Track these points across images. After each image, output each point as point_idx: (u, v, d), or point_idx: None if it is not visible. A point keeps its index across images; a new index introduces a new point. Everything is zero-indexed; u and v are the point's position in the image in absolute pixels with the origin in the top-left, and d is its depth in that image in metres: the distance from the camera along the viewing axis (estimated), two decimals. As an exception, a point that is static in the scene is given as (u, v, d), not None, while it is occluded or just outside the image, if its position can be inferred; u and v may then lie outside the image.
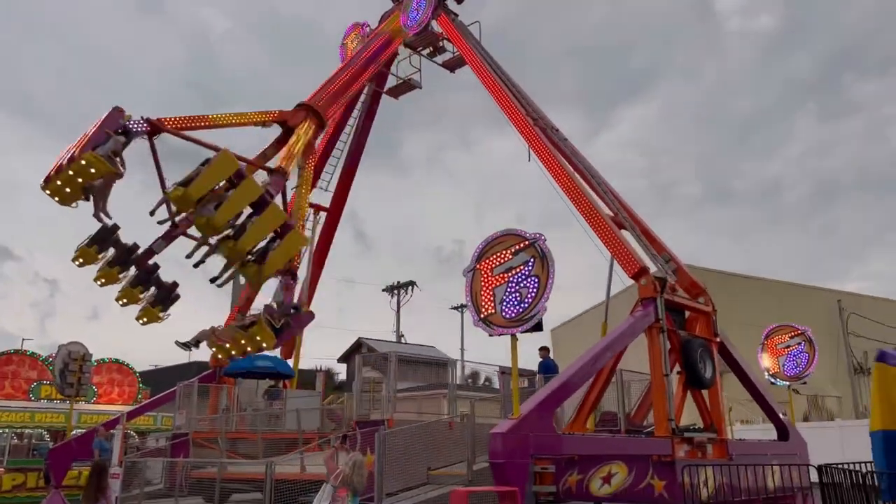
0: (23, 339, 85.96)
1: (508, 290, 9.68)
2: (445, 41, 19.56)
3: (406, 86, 21.33)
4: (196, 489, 15.62)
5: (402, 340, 41.05)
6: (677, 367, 13.35)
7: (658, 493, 11.74)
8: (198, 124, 13.89)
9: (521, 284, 9.58)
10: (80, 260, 12.63)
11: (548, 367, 15.95)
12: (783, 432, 15.92)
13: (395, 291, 42.95)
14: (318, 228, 22.13)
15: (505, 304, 9.62)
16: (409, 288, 42.58)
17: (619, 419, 13.50)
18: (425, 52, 20.24)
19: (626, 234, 14.74)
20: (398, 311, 41.85)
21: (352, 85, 18.09)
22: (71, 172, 11.30)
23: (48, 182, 11.69)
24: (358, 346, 33.54)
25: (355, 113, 21.84)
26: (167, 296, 13.46)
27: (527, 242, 9.72)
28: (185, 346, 13.23)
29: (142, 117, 12.67)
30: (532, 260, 9.62)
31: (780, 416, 15.86)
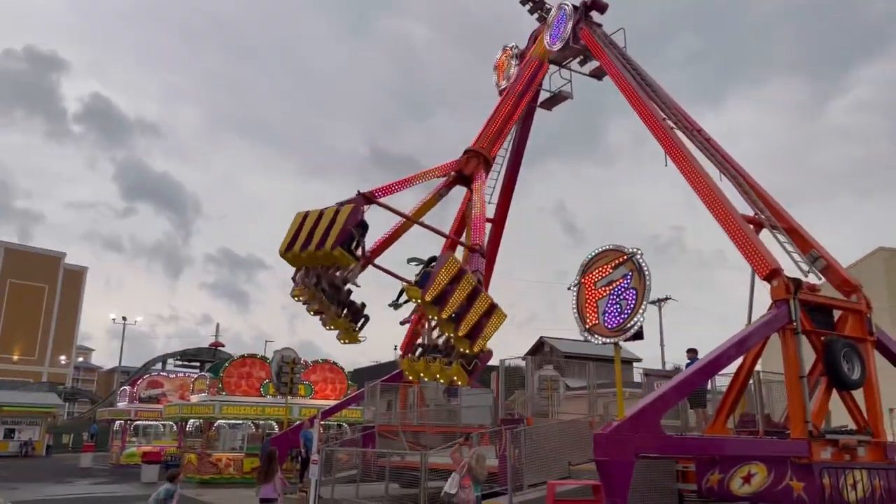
0: (266, 342, 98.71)
1: (610, 301, 10.52)
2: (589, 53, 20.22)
3: (559, 97, 22.26)
4: (393, 476, 18.01)
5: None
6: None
7: (797, 494, 11.83)
8: (396, 188, 16.95)
9: (621, 296, 10.37)
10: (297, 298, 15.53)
11: (695, 368, 16.10)
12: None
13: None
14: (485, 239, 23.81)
15: (607, 315, 10.48)
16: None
17: (757, 420, 13.47)
18: (575, 62, 21.03)
19: (769, 235, 14.54)
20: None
21: (511, 118, 19.86)
22: (319, 254, 13.95)
23: (288, 251, 14.38)
24: (540, 344, 34.78)
25: (513, 127, 23.18)
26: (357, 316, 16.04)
27: (626, 257, 10.48)
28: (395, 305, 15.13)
29: (358, 191, 15.25)
30: (630, 273, 10.38)
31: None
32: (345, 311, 15.94)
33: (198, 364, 74.50)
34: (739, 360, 12.72)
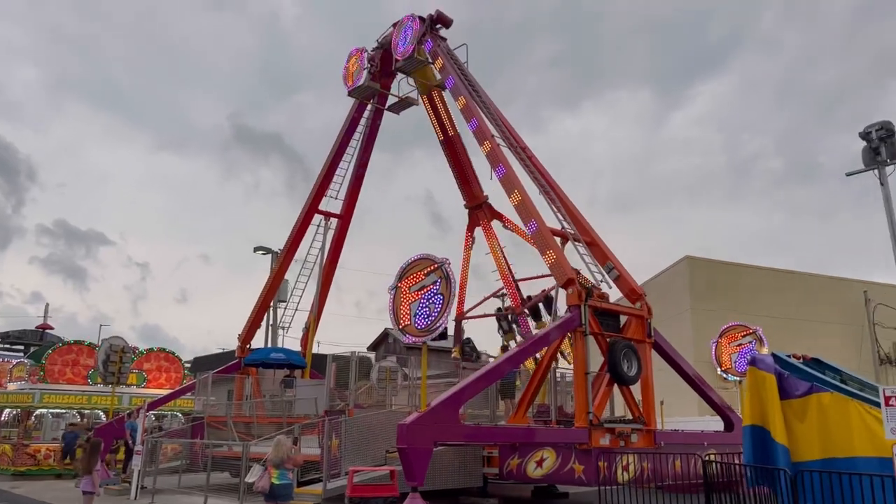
0: (101, 325, 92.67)
1: (421, 305, 11.67)
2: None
3: (405, 102, 23.31)
4: (222, 466, 18.22)
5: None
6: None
7: (578, 475, 13.62)
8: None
9: (431, 301, 11.55)
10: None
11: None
12: (729, 424, 17.31)
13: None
14: (330, 234, 24.50)
15: (417, 317, 11.62)
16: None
17: (550, 410, 15.29)
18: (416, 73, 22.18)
19: (574, 246, 16.41)
20: (431, 302, 44.22)
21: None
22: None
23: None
24: (385, 336, 35.99)
25: (360, 128, 24.01)
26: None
27: (436, 265, 11.67)
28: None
29: None
30: (439, 280, 11.57)
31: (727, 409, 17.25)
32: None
33: (22, 348, 68.83)
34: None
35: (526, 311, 20.26)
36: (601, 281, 15.65)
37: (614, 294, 16.32)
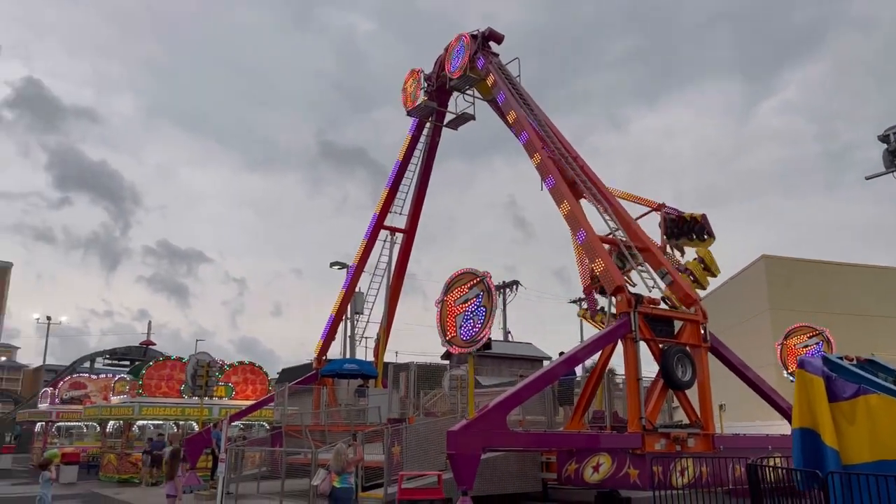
0: (197, 341, 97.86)
1: (465, 317, 12.26)
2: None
3: (462, 118, 24.00)
4: (300, 473, 19.36)
5: (510, 338, 43.76)
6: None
7: (633, 480, 13.83)
8: None
9: (474, 313, 12.12)
10: None
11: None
12: (796, 428, 16.90)
13: (501, 291, 45.82)
14: (396, 249, 25.46)
15: (462, 329, 12.21)
16: (514, 287, 45.33)
17: (605, 416, 15.50)
18: (471, 91, 22.83)
19: (626, 253, 16.57)
20: (504, 310, 44.82)
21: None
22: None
23: None
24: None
25: (420, 145, 24.89)
26: None
27: (478, 279, 12.24)
28: None
29: None
30: (482, 294, 12.13)
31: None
32: None
33: (128, 363, 73.65)
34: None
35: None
36: (653, 287, 15.77)
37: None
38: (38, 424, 40.86)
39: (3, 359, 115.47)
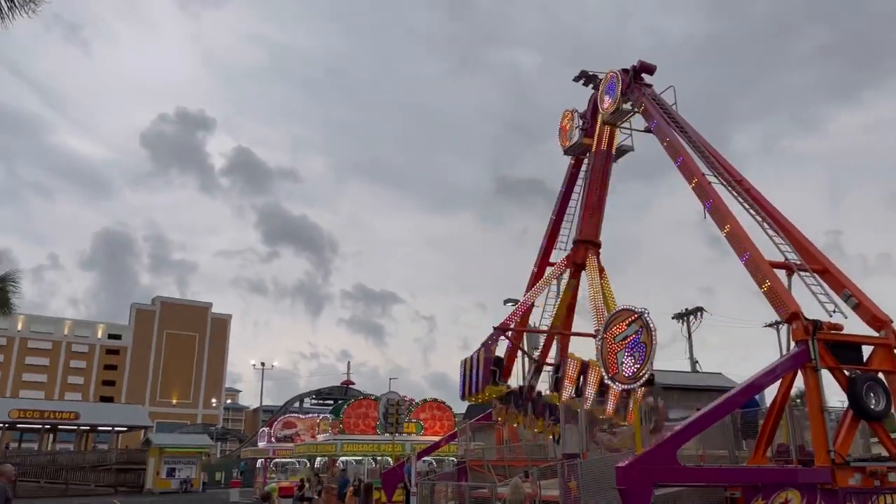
0: (390, 379, 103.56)
1: (626, 354, 12.52)
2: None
3: (621, 151, 24.17)
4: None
5: (698, 368, 41.77)
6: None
7: (826, 519, 13.10)
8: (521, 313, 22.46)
9: (634, 349, 12.35)
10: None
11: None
12: None
13: (685, 318, 43.98)
14: (563, 284, 25.89)
15: (624, 365, 12.47)
16: (698, 314, 43.31)
17: (790, 450, 14.69)
18: (626, 123, 23.01)
19: (801, 277, 15.81)
20: (689, 339, 42.84)
21: (602, 199, 23.64)
22: (483, 395, 19.58)
23: (469, 396, 19.83)
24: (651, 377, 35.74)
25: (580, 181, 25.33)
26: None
27: (636, 315, 12.48)
28: None
29: (493, 327, 20.66)
30: (640, 330, 12.34)
31: None
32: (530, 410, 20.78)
33: (331, 402, 79.73)
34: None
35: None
36: (834, 311, 14.88)
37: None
38: (259, 461, 45.77)
39: (229, 401, 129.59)
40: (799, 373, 14.29)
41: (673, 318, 44.85)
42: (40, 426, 59.78)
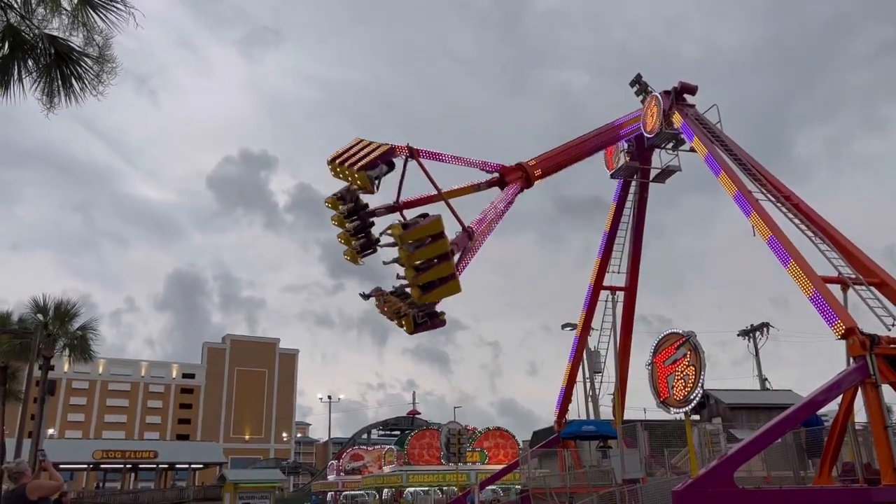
0: (454, 408, 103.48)
1: (675, 377, 12.59)
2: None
3: (668, 171, 24.20)
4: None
5: (767, 386, 40.55)
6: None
7: (897, 541, 12.79)
8: (442, 158, 17.79)
9: (684, 373, 12.43)
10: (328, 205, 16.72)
11: None
12: None
13: (751, 335, 42.83)
14: (619, 306, 25.90)
15: (674, 389, 12.54)
16: (765, 330, 42.13)
17: (856, 468, 14.34)
18: (670, 145, 23.07)
19: (856, 291, 15.53)
20: (757, 355, 41.65)
21: (575, 160, 21.57)
22: (346, 172, 15.61)
23: (331, 162, 15.91)
24: (706, 397, 34.92)
25: (629, 203, 25.43)
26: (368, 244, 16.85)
27: (684, 339, 12.57)
28: (364, 296, 16.04)
29: (407, 144, 16.56)
30: (688, 353, 12.42)
31: None
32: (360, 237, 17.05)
33: (398, 432, 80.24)
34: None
35: None
36: (893, 324, 14.57)
37: None
38: (329, 493, 46.56)
39: (300, 435, 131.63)
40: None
41: (738, 334, 43.80)
42: (122, 465, 62.29)
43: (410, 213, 16.59)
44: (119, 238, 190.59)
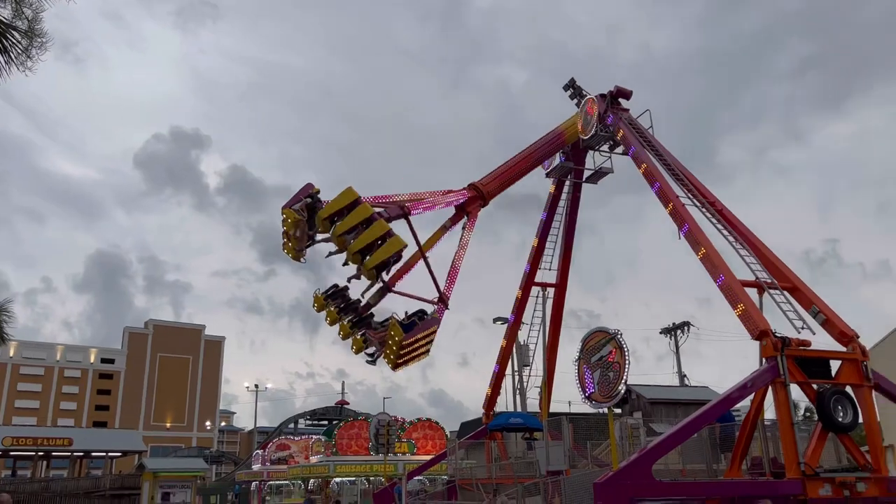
0: (384, 398, 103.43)
1: (602, 373, 13.06)
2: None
3: (601, 173, 24.86)
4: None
5: (686, 382, 42.38)
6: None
7: (798, 530, 13.60)
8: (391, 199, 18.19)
9: (608, 369, 12.91)
10: (316, 306, 17.93)
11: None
12: None
13: (673, 333, 44.65)
14: (549, 303, 26.47)
15: (599, 384, 13.01)
16: (685, 329, 43.99)
17: (763, 463, 15.22)
18: (604, 147, 23.72)
19: (770, 295, 16.43)
20: (677, 353, 43.50)
21: (525, 173, 22.53)
22: (284, 216, 16.79)
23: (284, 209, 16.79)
24: (629, 392, 36.37)
25: (562, 203, 26.00)
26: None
27: (609, 336, 13.05)
28: (371, 361, 17.84)
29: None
30: (614, 350, 12.90)
31: None
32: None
33: (326, 422, 79.58)
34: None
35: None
36: (802, 327, 15.49)
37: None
38: (253, 483, 45.86)
39: (224, 424, 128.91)
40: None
41: (661, 332, 45.54)
42: (34, 453, 59.58)
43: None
44: (35, 214, 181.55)
